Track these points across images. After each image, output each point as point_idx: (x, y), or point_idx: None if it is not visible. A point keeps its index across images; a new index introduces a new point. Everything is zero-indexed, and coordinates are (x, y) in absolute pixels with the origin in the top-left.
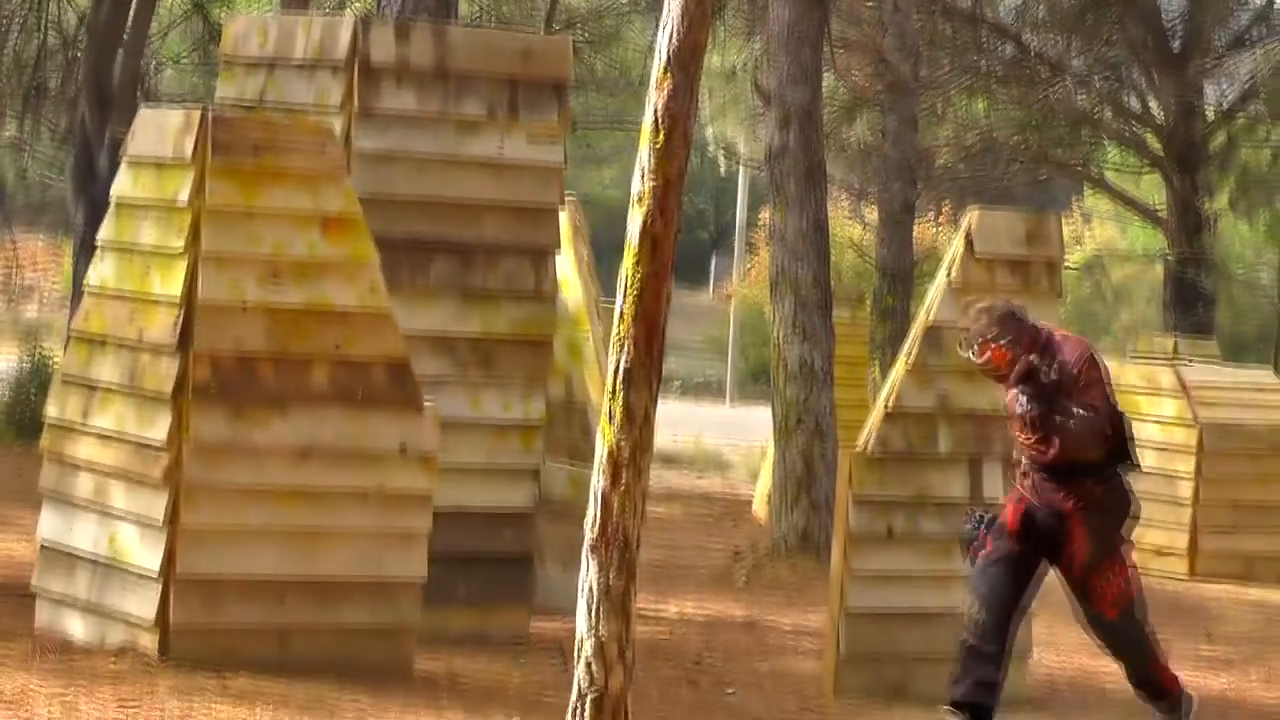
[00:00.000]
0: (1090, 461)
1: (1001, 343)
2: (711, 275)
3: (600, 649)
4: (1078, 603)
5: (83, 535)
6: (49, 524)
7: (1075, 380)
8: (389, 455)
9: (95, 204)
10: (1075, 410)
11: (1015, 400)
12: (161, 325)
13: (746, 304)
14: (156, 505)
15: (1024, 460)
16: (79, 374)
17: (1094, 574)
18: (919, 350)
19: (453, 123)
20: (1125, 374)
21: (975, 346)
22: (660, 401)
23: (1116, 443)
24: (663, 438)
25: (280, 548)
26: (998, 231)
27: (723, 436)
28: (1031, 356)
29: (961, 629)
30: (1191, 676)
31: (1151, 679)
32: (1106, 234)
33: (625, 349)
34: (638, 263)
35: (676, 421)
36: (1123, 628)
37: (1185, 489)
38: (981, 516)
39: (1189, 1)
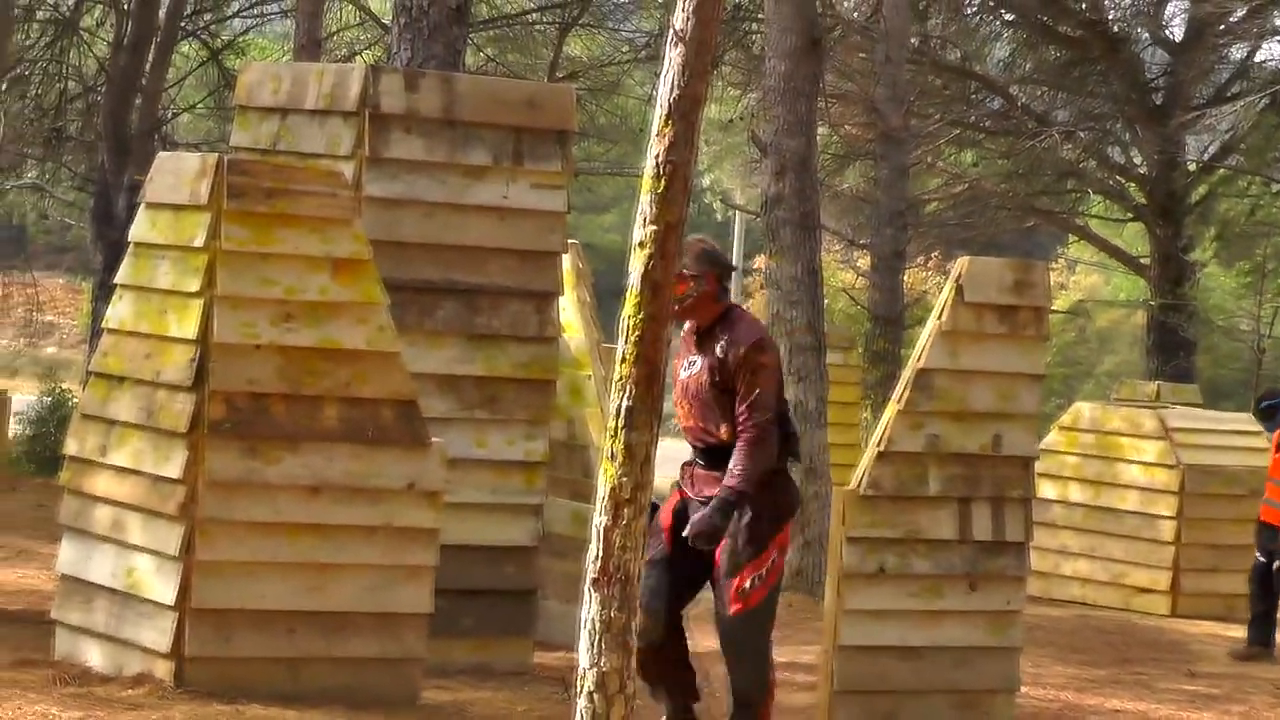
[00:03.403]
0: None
1: (689, 274)
2: None
3: (602, 681)
4: (714, 599)
5: (101, 567)
6: (68, 556)
7: (741, 362)
8: (397, 491)
9: (113, 246)
10: (752, 420)
11: (683, 366)
12: (178, 364)
13: None
14: (172, 538)
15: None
16: (97, 411)
17: (733, 575)
18: (910, 393)
19: (460, 169)
20: (1109, 418)
21: (690, 261)
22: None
23: (782, 439)
24: (661, 476)
25: (291, 581)
26: (987, 278)
27: None
28: (721, 335)
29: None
30: (1174, 713)
31: (754, 701)
32: (1090, 281)
33: (627, 390)
34: (639, 307)
35: (674, 460)
36: (744, 628)
37: (1167, 530)
38: (655, 506)
39: (1171, 57)
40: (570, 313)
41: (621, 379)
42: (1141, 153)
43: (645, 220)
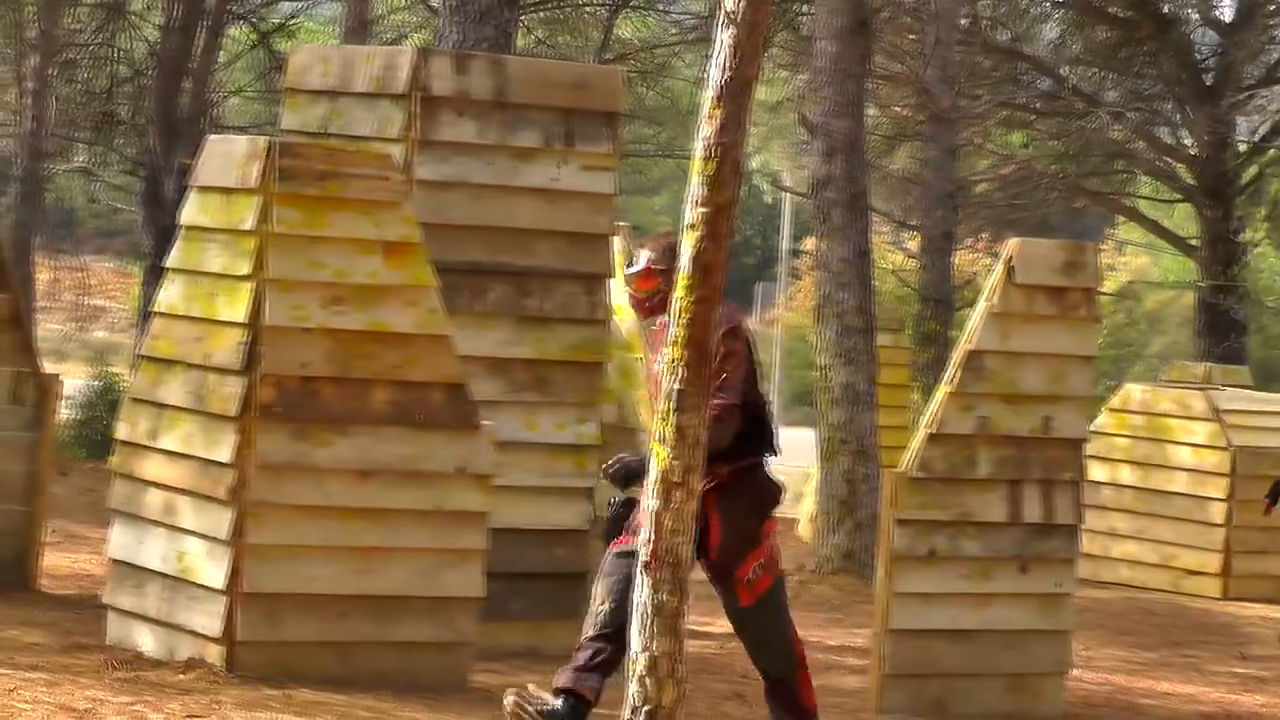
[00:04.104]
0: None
1: (657, 269)
2: (757, 301)
3: (653, 665)
4: (720, 594)
5: (152, 551)
6: (119, 540)
7: (714, 347)
8: (447, 475)
9: (163, 230)
10: (716, 400)
11: (657, 359)
12: (227, 347)
13: (790, 329)
14: (222, 522)
15: None
16: (147, 395)
17: (736, 566)
18: (960, 375)
19: (509, 151)
20: (1158, 400)
21: (639, 266)
22: None
23: (753, 425)
24: None
25: (341, 564)
26: (1037, 260)
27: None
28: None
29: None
30: (1225, 696)
31: (791, 685)
32: (1139, 263)
33: (677, 373)
34: (689, 289)
35: None
36: (758, 616)
37: (1218, 512)
38: (625, 502)
39: (1221, 37)
40: (620, 295)
41: (672, 361)
42: (1191, 133)
43: (695, 202)
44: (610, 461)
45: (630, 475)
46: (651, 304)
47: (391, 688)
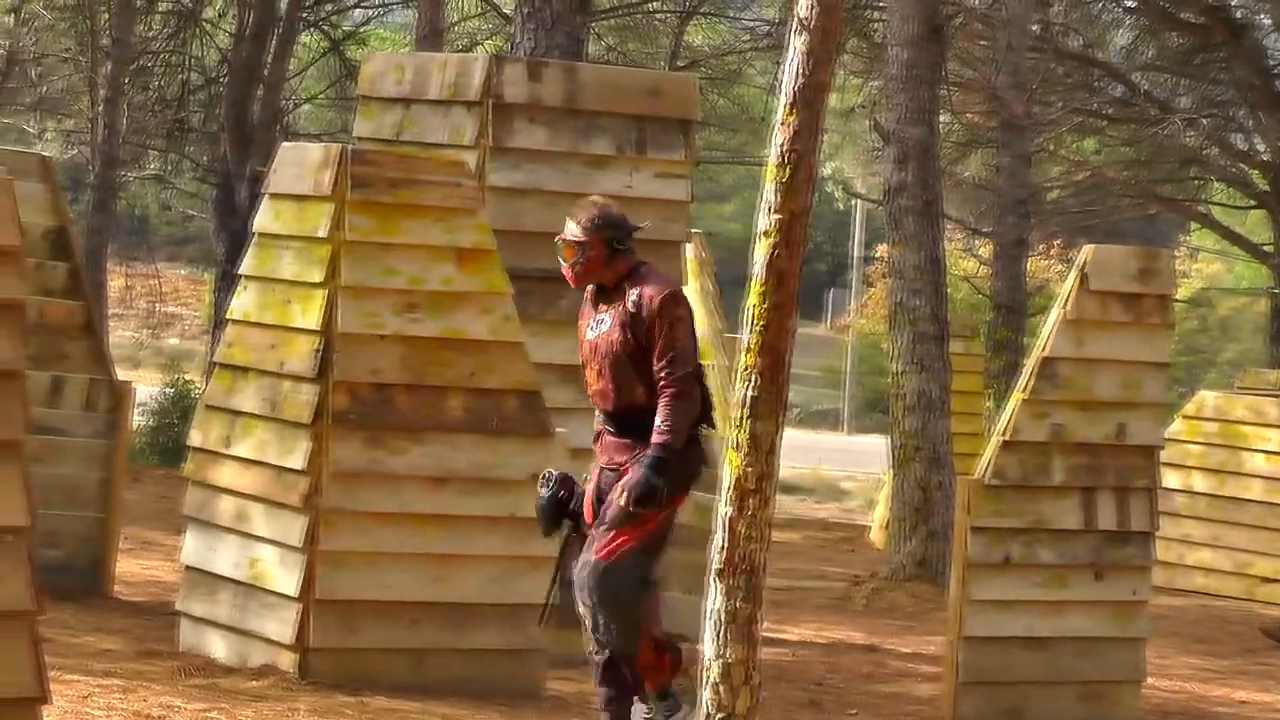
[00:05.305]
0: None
1: (574, 240)
2: (828, 308)
3: (727, 672)
4: (586, 544)
5: (225, 558)
6: (192, 547)
7: (657, 314)
8: (521, 482)
9: (235, 237)
10: (675, 374)
11: (590, 325)
12: (302, 355)
13: (862, 336)
14: (296, 529)
15: (597, 415)
16: (221, 401)
17: (616, 527)
18: (1034, 382)
19: (583, 158)
20: (1232, 406)
21: (577, 227)
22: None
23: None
24: (782, 466)
25: (415, 571)
26: (1111, 266)
27: (839, 465)
28: (630, 289)
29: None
30: None
31: (627, 667)
32: (1212, 269)
33: (751, 380)
34: (763, 296)
35: (794, 450)
36: (610, 577)
37: None
38: (561, 479)
39: None
40: (693, 302)
41: (746, 368)
42: (1264, 139)
43: (770, 209)
44: (548, 473)
45: (649, 497)
46: (573, 272)
47: (465, 695)
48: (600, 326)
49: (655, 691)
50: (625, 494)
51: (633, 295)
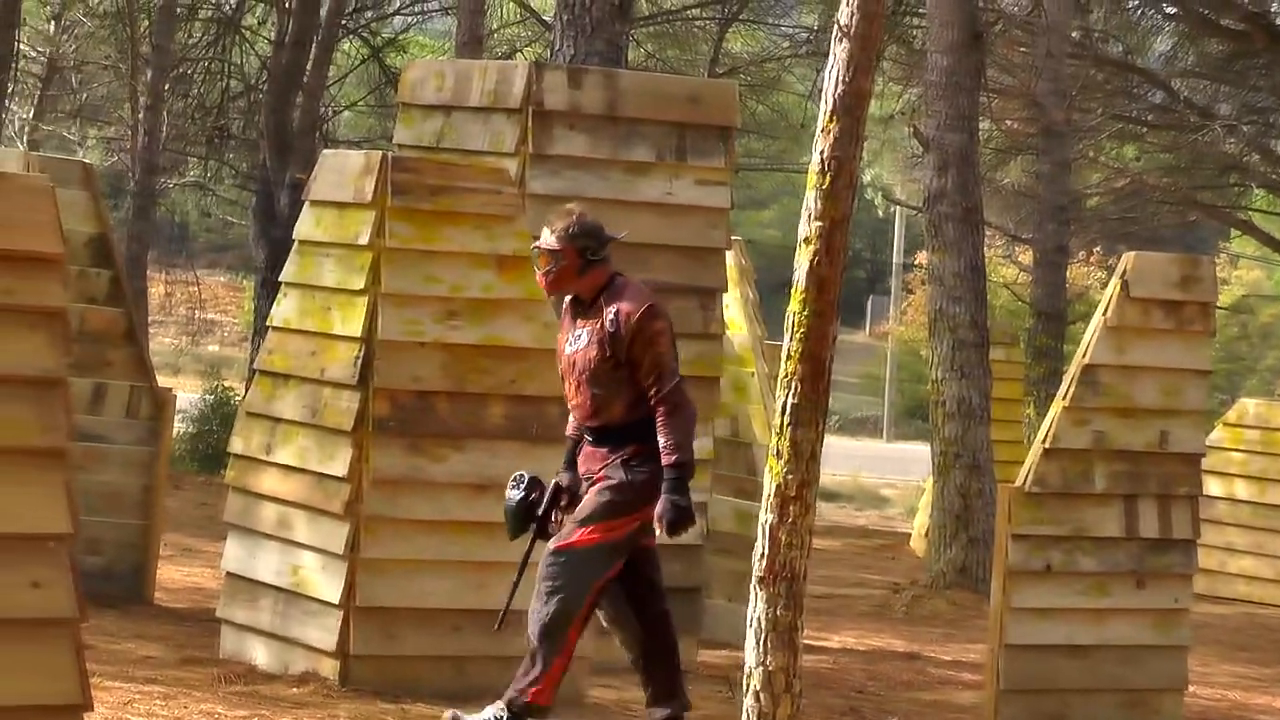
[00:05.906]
0: (636, 428)
1: (547, 249)
2: (868, 314)
3: (768, 679)
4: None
5: (266, 565)
6: (233, 554)
7: (636, 332)
8: None
9: (275, 244)
10: (664, 389)
11: (569, 340)
12: (342, 362)
13: (902, 343)
14: (337, 536)
15: (572, 422)
16: (262, 408)
17: (584, 525)
18: (1075, 389)
19: (623, 165)
20: (1274, 414)
21: (551, 236)
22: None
23: None
24: (822, 473)
25: (456, 579)
26: (1153, 273)
27: (879, 472)
28: (607, 306)
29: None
30: None
31: (541, 653)
32: (1253, 276)
33: (792, 387)
34: (804, 303)
35: (835, 457)
36: (557, 562)
37: None
38: (531, 482)
39: None
40: (734, 309)
41: (787, 376)
42: None
43: (811, 216)
44: (519, 475)
45: (681, 520)
46: (545, 280)
47: None
48: (578, 342)
49: (522, 702)
50: (662, 527)
51: (610, 313)
